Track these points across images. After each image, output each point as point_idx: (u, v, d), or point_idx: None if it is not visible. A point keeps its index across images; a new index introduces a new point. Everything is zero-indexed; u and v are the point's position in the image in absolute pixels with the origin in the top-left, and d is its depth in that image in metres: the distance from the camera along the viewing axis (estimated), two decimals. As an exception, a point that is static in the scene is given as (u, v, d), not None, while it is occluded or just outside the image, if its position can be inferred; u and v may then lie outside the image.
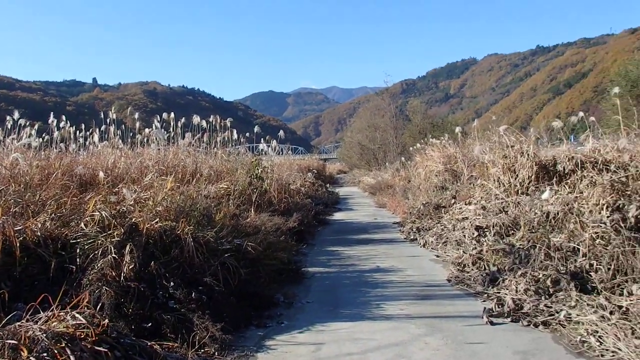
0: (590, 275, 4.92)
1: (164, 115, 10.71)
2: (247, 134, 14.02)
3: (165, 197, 5.75)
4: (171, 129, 10.84)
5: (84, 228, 4.75)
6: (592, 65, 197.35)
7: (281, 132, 14.55)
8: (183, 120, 11.27)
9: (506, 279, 5.38)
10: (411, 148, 20.66)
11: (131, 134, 10.55)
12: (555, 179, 8.34)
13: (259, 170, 9.82)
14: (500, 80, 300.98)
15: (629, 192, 6.01)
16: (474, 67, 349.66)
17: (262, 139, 14.41)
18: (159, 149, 9.58)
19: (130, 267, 4.31)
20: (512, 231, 7.09)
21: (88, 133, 10.22)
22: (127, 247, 4.45)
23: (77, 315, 3.21)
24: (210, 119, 11.69)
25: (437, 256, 7.72)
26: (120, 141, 9.93)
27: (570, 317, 4.29)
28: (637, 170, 6.69)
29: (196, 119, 11.39)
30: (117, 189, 5.97)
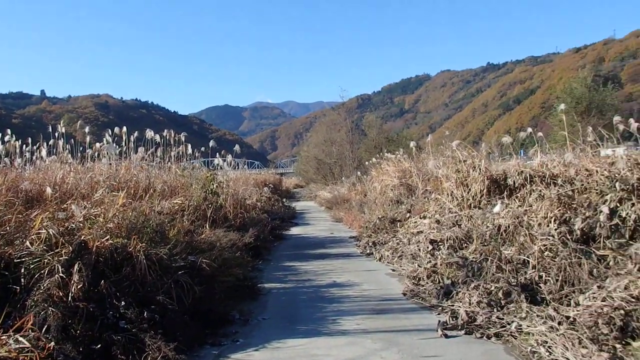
0: (540, 287, 5.06)
1: (116, 129, 10.45)
2: (202, 149, 13.81)
3: (117, 214, 5.60)
4: (123, 144, 10.59)
5: (30, 246, 4.57)
6: (540, 82, 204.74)
7: (237, 147, 14.41)
8: (136, 134, 11.03)
9: (460, 291, 5.47)
10: (367, 162, 20.87)
11: (81, 149, 10.22)
12: (506, 192, 8.57)
13: (214, 186, 9.69)
14: (453, 96, 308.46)
15: (574, 206, 6.22)
16: (427, 83, 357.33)
17: (217, 154, 14.25)
18: (110, 164, 9.33)
19: (78, 286, 4.16)
20: (466, 244, 7.22)
21: (35, 147, 9.86)
22: (76, 266, 4.30)
23: (20, 338, 3.07)
24: (164, 133, 11.48)
25: (393, 270, 7.78)
26: (70, 156, 9.60)
27: (521, 328, 4.39)
28: (582, 184, 6.94)
29: (150, 133, 11.17)
30: (65, 206, 5.77)
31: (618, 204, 5.55)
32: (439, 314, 5.22)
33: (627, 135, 8.69)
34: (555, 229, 5.91)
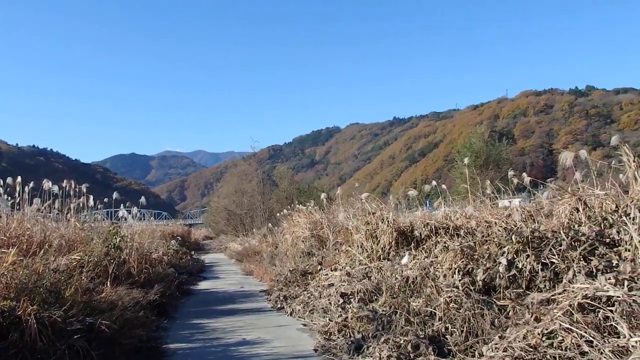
0: (446, 339, 5.16)
1: (9, 179, 9.77)
2: (106, 199, 13.20)
3: (5, 273, 5.14)
4: (17, 195, 9.90)
5: None
6: (442, 137, 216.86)
7: (142, 199, 13.92)
8: (32, 184, 10.37)
9: (370, 346, 5.46)
10: (279, 214, 20.84)
11: (-34, 201, 9.44)
12: (413, 244, 8.83)
13: (117, 240, 9.22)
14: (362, 148, 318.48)
15: (476, 257, 6.49)
16: (337, 135, 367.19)
17: (122, 205, 13.66)
18: (0, 217, 8.65)
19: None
20: (376, 297, 7.28)
21: None
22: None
23: None
24: (64, 184, 10.87)
25: (304, 325, 7.66)
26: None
27: (430, 382, 4.42)
28: (483, 236, 7.29)
29: (47, 184, 10.52)
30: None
31: (515, 256, 5.85)
32: (350, 370, 5.16)
33: (521, 188, 9.31)
34: (460, 280, 6.13)
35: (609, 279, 4.45)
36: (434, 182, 10.96)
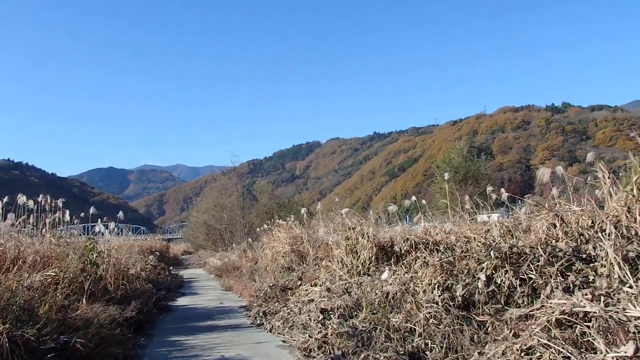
0: (426, 355, 5.16)
1: (-18, 194, 9.58)
2: (82, 214, 12.97)
3: (-23, 291, 5.02)
4: (-10, 209, 9.70)
5: None
6: (422, 152, 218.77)
7: (120, 213, 13.71)
8: (6, 199, 10.17)
9: (350, 362, 5.42)
10: (258, 229, 20.73)
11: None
12: (393, 259, 8.83)
13: (94, 255, 9.06)
14: (342, 163, 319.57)
15: (456, 272, 6.52)
16: (318, 150, 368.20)
17: (99, 220, 13.45)
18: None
19: None
20: (356, 312, 7.26)
21: None
22: None
23: None
24: (39, 199, 10.67)
25: (284, 341, 7.59)
26: None
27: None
28: (462, 251, 7.33)
29: (22, 199, 10.33)
30: None
31: (494, 271, 5.89)
32: (330, 387, 5.12)
33: (500, 203, 9.41)
34: (439, 296, 6.15)
35: (586, 294, 4.49)
36: (413, 197, 11.01)
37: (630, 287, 4.48)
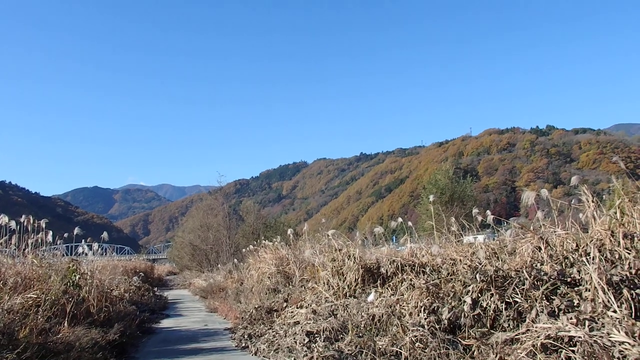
0: (413, 379, 5.12)
1: (-38, 214, 9.43)
2: (66, 234, 12.80)
3: (-45, 314, 4.92)
4: (-29, 230, 9.55)
5: None
6: (408, 173, 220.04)
7: (105, 234, 13.56)
8: (-13, 219, 10.02)
9: (336, 387, 5.37)
10: (244, 249, 20.61)
11: None
12: (379, 281, 8.81)
13: (77, 277, 8.93)
14: (329, 183, 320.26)
15: (442, 295, 6.52)
16: (304, 170, 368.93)
17: (83, 240, 13.29)
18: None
19: None
20: (342, 335, 7.19)
21: None
22: None
23: None
24: (22, 219, 10.53)
25: (269, 365, 7.50)
26: None
27: None
28: (448, 273, 7.34)
29: (3, 219, 10.18)
30: None
31: (479, 294, 5.90)
32: (315, 413, 5.05)
33: (486, 224, 9.47)
34: (425, 319, 6.13)
35: (571, 319, 4.51)
36: (400, 219, 11.04)
37: (615, 311, 4.51)
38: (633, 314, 4.52)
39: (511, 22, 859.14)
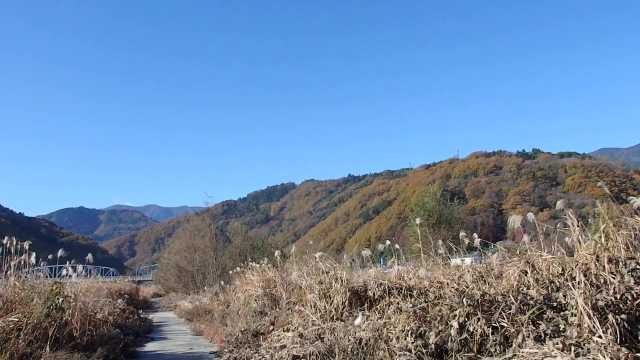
0: (400, 405, 5.07)
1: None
2: (50, 256, 12.64)
3: None
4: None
5: None
6: (396, 195, 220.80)
7: (89, 255, 13.40)
8: (-30, 240, 9.89)
9: (322, 413, 5.30)
10: (231, 271, 20.48)
11: None
12: (366, 304, 8.78)
13: (60, 300, 8.79)
14: (317, 205, 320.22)
15: (429, 319, 6.50)
16: (292, 191, 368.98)
17: (67, 262, 13.12)
18: None
19: None
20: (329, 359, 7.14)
21: None
22: None
23: None
24: (4, 241, 10.39)
25: (255, 390, 7.41)
26: None
27: None
28: (435, 296, 7.33)
29: (-14, 241, 10.05)
30: None
31: (466, 319, 5.89)
32: None
33: (473, 247, 9.50)
34: (412, 343, 6.09)
35: (557, 344, 4.52)
36: (387, 242, 11.05)
37: (600, 336, 4.52)
38: (618, 339, 4.54)
39: (498, 49, 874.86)
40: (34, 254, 11.00)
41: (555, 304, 5.60)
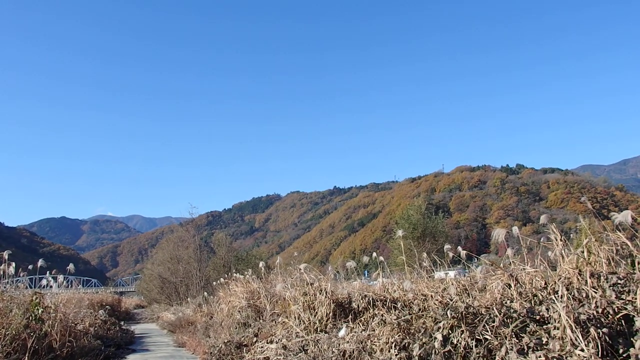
0: (383, 418, 5.05)
1: None
2: (30, 266, 12.46)
3: None
4: None
5: None
6: (381, 207, 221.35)
7: (71, 266, 13.23)
8: (-52, 249, 9.72)
9: None
10: (215, 282, 20.32)
11: None
12: (351, 316, 8.76)
13: (40, 311, 8.65)
14: (302, 217, 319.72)
15: (412, 331, 6.50)
16: (278, 203, 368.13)
17: (48, 272, 12.93)
18: None
19: None
20: (312, 372, 7.10)
21: None
22: None
23: None
24: (-16, 250, 10.23)
25: (237, 403, 7.33)
26: None
27: None
28: (419, 309, 7.33)
29: (-35, 250, 9.88)
30: None
31: (450, 331, 5.89)
32: None
33: (457, 260, 9.55)
34: (396, 355, 6.09)
35: (540, 357, 4.54)
36: (374, 254, 11.07)
37: (582, 350, 4.55)
38: (600, 352, 4.57)
39: (484, 64, 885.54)
40: (13, 264, 10.83)
41: (538, 317, 5.62)
